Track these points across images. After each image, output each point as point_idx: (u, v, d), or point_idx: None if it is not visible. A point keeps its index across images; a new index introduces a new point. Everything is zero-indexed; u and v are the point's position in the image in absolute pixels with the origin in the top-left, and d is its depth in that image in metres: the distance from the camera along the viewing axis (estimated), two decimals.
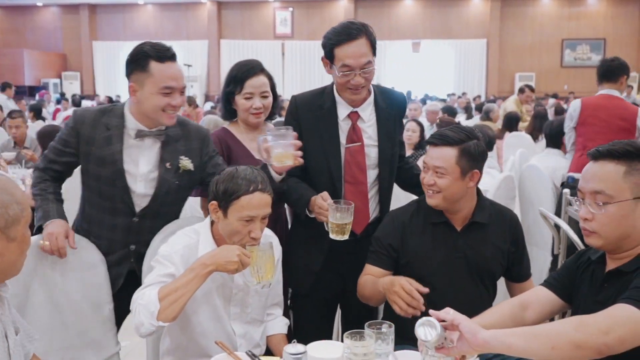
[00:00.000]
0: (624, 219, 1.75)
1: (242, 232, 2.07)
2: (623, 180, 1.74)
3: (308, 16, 22.57)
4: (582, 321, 1.60)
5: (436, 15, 22.01)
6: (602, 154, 1.81)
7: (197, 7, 23.08)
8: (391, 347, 1.92)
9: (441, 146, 2.30)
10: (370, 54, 2.45)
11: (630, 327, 1.57)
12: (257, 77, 2.75)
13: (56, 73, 23.28)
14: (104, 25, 23.67)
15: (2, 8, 23.94)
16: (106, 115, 2.42)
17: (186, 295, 1.94)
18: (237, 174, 2.08)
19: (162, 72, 2.30)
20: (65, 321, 2.36)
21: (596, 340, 1.54)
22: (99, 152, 2.38)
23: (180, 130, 2.47)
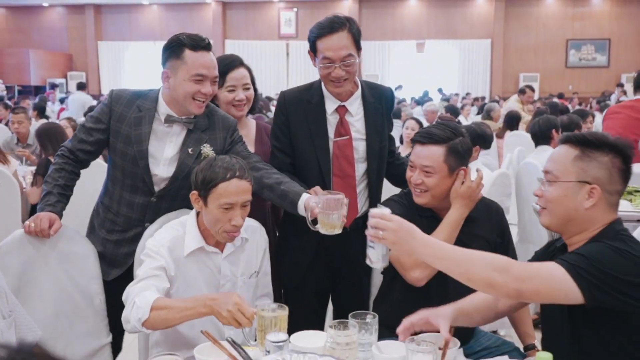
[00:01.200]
0: (566, 199, 1.83)
1: (223, 220, 2.09)
2: (571, 164, 1.83)
3: (312, 16, 22.56)
4: (506, 266, 1.71)
5: (440, 15, 21.99)
6: (565, 139, 1.91)
7: (201, 7, 23.14)
8: (374, 338, 1.95)
9: (428, 145, 2.31)
10: (352, 48, 2.48)
11: (549, 282, 1.68)
12: (237, 70, 2.79)
13: (62, 73, 23.36)
14: (109, 26, 23.76)
15: (8, 8, 24.06)
16: (141, 98, 2.50)
17: (175, 320, 1.95)
18: (215, 163, 2.11)
19: (195, 60, 2.36)
20: (57, 311, 2.40)
21: (509, 286, 1.67)
22: (127, 131, 2.45)
23: (207, 121, 2.52)
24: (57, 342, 2.38)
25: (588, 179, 1.81)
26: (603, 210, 1.83)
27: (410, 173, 2.36)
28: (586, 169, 1.81)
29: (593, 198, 1.80)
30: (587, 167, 1.81)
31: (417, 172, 2.32)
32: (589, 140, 1.84)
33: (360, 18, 22.39)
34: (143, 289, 2.00)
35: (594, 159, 1.82)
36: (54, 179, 2.49)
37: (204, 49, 2.39)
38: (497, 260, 1.74)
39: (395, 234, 1.73)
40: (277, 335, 1.75)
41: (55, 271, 2.40)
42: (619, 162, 1.82)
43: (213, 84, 2.42)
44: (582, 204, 1.81)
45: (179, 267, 2.14)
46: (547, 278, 1.68)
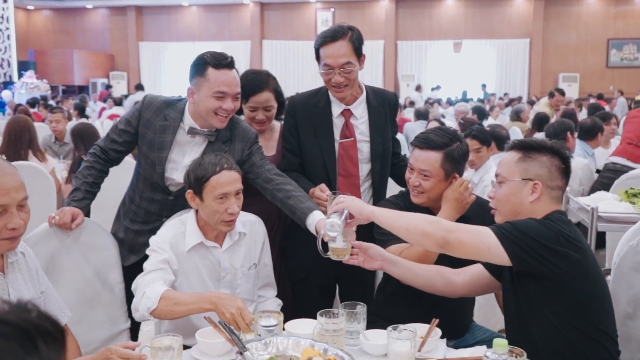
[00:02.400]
0: (512, 196, 2.06)
1: (220, 211, 2.25)
2: (515, 165, 2.07)
3: (349, 17, 22.66)
4: (438, 220, 2.05)
5: (478, 15, 21.85)
6: (510, 146, 2.16)
7: (240, 8, 23.48)
8: (362, 326, 2.09)
9: (426, 150, 2.43)
10: (352, 56, 2.64)
11: (474, 236, 1.93)
12: (260, 94, 2.90)
13: (104, 73, 24.00)
14: (150, 26, 24.30)
15: (54, 10, 24.82)
16: (169, 107, 2.64)
17: (181, 313, 2.13)
18: (203, 161, 2.29)
19: (216, 78, 2.49)
20: (79, 297, 2.59)
21: (438, 233, 1.92)
22: (152, 137, 2.61)
23: (229, 133, 2.64)
24: (79, 326, 2.57)
25: (530, 176, 2.03)
26: (546, 203, 2.03)
27: (409, 175, 2.50)
28: (528, 168, 2.04)
29: (536, 193, 2.02)
30: (529, 167, 2.04)
31: (415, 174, 2.45)
32: (530, 144, 2.09)
33: (396, 18, 22.42)
34: (152, 280, 2.17)
35: (535, 159, 2.05)
36: (84, 175, 2.69)
37: (226, 67, 2.50)
38: (431, 217, 2.08)
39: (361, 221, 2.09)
40: (268, 320, 1.91)
41: (78, 261, 2.60)
42: (557, 161, 2.05)
43: (235, 100, 2.53)
44: (527, 198, 2.03)
45: (181, 262, 2.32)
46: (472, 232, 1.95)
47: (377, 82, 22.54)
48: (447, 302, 2.34)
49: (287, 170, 2.80)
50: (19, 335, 0.83)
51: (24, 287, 1.92)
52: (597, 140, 5.27)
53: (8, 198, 1.75)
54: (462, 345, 2.40)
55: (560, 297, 1.91)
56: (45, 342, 0.85)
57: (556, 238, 1.88)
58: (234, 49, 22.95)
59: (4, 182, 1.75)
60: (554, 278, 1.89)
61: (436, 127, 2.65)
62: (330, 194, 2.51)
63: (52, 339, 0.86)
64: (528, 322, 1.98)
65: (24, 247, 2.03)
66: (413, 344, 1.88)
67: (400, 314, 2.38)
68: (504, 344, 1.66)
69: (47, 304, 2.04)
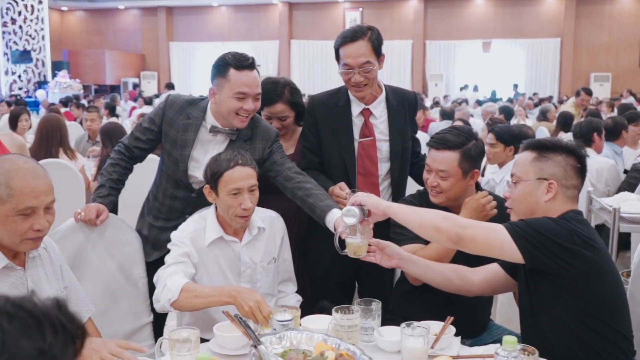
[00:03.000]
0: (528, 196, 2.06)
1: (234, 206, 2.30)
2: (530, 165, 2.07)
3: (378, 16, 22.65)
4: (453, 216, 2.05)
5: (508, 14, 21.66)
6: (524, 146, 2.16)
7: (268, 8, 23.62)
8: (377, 323, 2.12)
9: (443, 150, 2.43)
10: (372, 55, 2.66)
11: (485, 233, 1.94)
12: (274, 106, 2.95)
13: (135, 72, 24.36)
14: (180, 27, 24.60)
15: (87, 11, 25.27)
16: (192, 106, 2.69)
17: (201, 305, 2.19)
18: (219, 157, 2.35)
19: (238, 79, 2.52)
20: (103, 291, 2.66)
21: (452, 229, 1.94)
22: (175, 135, 2.66)
23: (250, 131, 2.67)
24: (103, 319, 2.63)
25: (545, 175, 2.03)
26: (561, 203, 2.03)
27: (426, 175, 2.50)
28: (543, 167, 2.04)
29: (551, 192, 2.02)
30: (544, 166, 2.04)
31: (433, 174, 2.45)
32: (544, 144, 2.09)
33: (425, 17, 22.33)
34: (173, 273, 2.23)
35: (550, 158, 2.05)
36: (109, 172, 2.76)
37: (247, 68, 2.53)
38: (446, 212, 2.09)
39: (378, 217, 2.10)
40: (283, 314, 1.95)
41: (103, 256, 2.67)
42: (572, 160, 2.05)
43: (255, 100, 2.56)
44: (542, 198, 2.03)
45: (202, 256, 2.37)
46: (485, 229, 1.96)
47: (405, 81, 22.47)
48: (464, 300, 2.35)
49: (307, 169, 2.84)
50: (28, 321, 0.85)
51: (45, 282, 1.98)
52: (623, 139, 5.19)
53: (38, 201, 1.80)
54: (479, 344, 2.41)
55: (574, 296, 1.91)
56: (54, 333, 0.86)
57: (569, 236, 1.88)
58: (263, 48, 23.13)
59: (36, 185, 1.80)
60: (567, 276, 1.89)
61: (451, 126, 2.66)
62: (349, 192, 2.54)
63: (64, 332, 0.88)
64: (541, 320, 1.99)
65: (49, 242, 2.09)
66: (426, 340, 1.90)
67: (416, 312, 2.40)
68: (513, 341, 1.67)
69: (70, 299, 2.10)
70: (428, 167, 2.49)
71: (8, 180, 1.76)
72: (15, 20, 19.89)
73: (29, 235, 1.82)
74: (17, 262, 1.90)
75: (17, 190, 1.76)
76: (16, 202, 1.76)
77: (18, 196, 1.76)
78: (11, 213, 1.77)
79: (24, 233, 1.81)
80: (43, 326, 0.86)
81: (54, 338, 0.86)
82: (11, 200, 1.76)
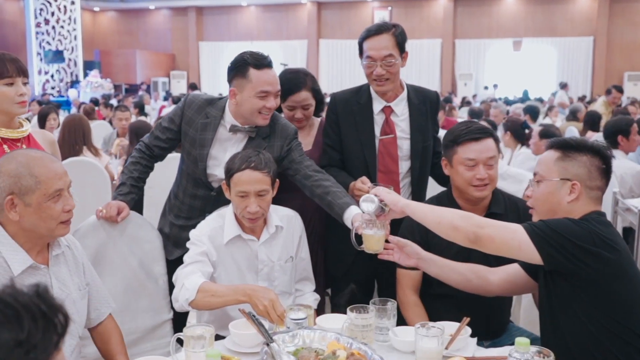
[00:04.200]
0: (550, 196, 2.02)
1: (241, 207, 2.32)
2: (554, 164, 2.02)
3: (407, 15, 22.55)
4: (470, 215, 2.01)
5: (539, 12, 21.37)
6: (549, 144, 2.11)
7: (297, 7, 23.68)
8: (392, 322, 2.11)
9: (485, 139, 2.41)
10: (394, 49, 2.69)
11: (503, 233, 1.91)
12: (299, 94, 2.94)
13: (165, 72, 24.62)
14: (210, 26, 24.80)
15: (118, 11, 25.63)
16: (211, 105, 2.71)
17: (218, 304, 2.21)
18: (238, 155, 2.36)
19: (259, 78, 2.54)
20: (124, 288, 2.69)
21: (469, 228, 1.92)
22: (194, 134, 2.68)
23: (268, 129, 2.68)
24: (124, 315, 2.67)
25: (569, 176, 1.99)
26: (584, 204, 1.99)
27: (470, 172, 2.39)
28: (567, 167, 2.00)
29: (574, 193, 1.98)
30: (568, 166, 2.00)
31: (480, 167, 2.39)
32: (569, 143, 2.04)
33: (455, 16, 22.16)
34: (190, 272, 2.25)
35: (574, 158, 2.00)
36: (130, 171, 2.79)
37: (266, 67, 2.56)
38: (463, 212, 2.08)
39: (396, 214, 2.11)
40: (297, 313, 1.95)
41: (124, 252, 2.70)
42: (597, 161, 2.00)
43: (276, 98, 2.60)
44: (565, 198, 1.99)
45: (220, 254, 2.39)
46: (503, 228, 1.92)
47: (434, 81, 22.33)
48: (483, 301, 2.32)
49: (328, 165, 2.85)
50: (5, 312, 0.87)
51: (69, 278, 2.01)
52: None
53: (62, 182, 1.88)
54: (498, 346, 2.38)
55: (592, 297, 1.87)
56: (33, 321, 0.88)
57: (589, 237, 1.85)
58: (291, 48, 23.20)
59: (56, 168, 1.88)
60: (586, 277, 1.86)
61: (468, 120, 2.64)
62: (371, 185, 2.53)
63: (44, 319, 0.89)
64: (560, 321, 1.96)
65: (72, 240, 2.13)
66: (440, 341, 1.88)
67: (434, 312, 2.39)
68: (525, 343, 1.65)
69: (92, 296, 2.14)
70: (472, 161, 2.39)
71: (30, 170, 1.83)
72: (49, 20, 20.25)
73: (62, 218, 1.88)
74: (41, 260, 1.94)
75: (43, 176, 1.83)
76: (45, 187, 1.83)
77: (45, 181, 1.83)
78: (43, 199, 1.84)
79: (59, 216, 1.87)
80: (21, 316, 0.87)
81: (33, 326, 0.87)
82: (40, 187, 1.83)
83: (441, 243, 2.44)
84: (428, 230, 2.45)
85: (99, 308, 2.17)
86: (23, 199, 1.83)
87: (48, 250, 1.97)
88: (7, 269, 1.84)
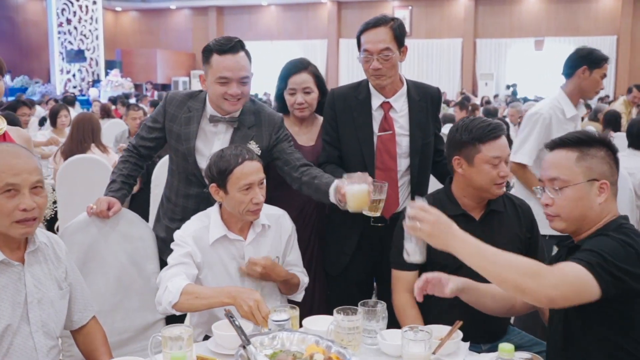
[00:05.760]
0: (580, 201, 1.85)
1: (245, 201, 2.25)
2: (576, 165, 1.85)
3: (427, 14, 22.41)
4: (539, 272, 1.66)
5: (561, 11, 21.08)
6: (557, 143, 1.92)
7: (317, 7, 23.64)
8: (382, 325, 2.03)
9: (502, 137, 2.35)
10: (392, 43, 2.62)
11: (577, 287, 1.65)
12: (299, 75, 2.90)
13: (186, 71, 24.73)
14: (230, 26, 24.84)
15: (140, 11, 25.82)
16: (192, 99, 2.68)
17: (202, 307, 2.15)
18: (224, 154, 2.28)
19: (219, 64, 2.50)
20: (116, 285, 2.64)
21: (540, 292, 1.63)
22: (178, 130, 2.66)
23: (254, 118, 2.66)
24: (116, 313, 2.64)
25: (595, 176, 1.84)
26: (611, 202, 1.87)
27: (494, 171, 2.31)
28: (591, 167, 1.85)
29: (604, 193, 1.84)
30: (591, 165, 1.85)
31: (503, 164, 2.33)
32: (583, 140, 1.87)
33: (476, 15, 21.96)
34: (174, 275, 2.19)
35: (594, 155, 1.86)
36: (120, 169, 2.76)
37: (229, 52, 2.49)
38: (529, 265, 1.69)
39: (432, 226, 1.74)
40: (279, 314, 1.88)
41: (116, 250, 2.65)
42: (611, 154, 1.88)
43: (242, 85, 2.52)
44: (595, 200, 1.85)
45: (205, 255, 2.32)
46: (574, 283, 1.66)
47: (455, 80, 22.16)
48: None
49: (326, 162, 2.79)
50: None
51: (47, 278, 1.96)
52: None
53: (19, 178, 1.79)
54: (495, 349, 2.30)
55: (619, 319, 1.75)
56: None
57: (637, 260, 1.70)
58: (311, 47, 23.16)
59: (15, 163, 1.81)
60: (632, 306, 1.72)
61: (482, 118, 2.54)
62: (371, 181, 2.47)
63: None
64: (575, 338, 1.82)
65: (55, 238, 2.08)
66: (428, 345, 1.81)
67: (430, 315, 2.31)
68: (509, 349, 1.57)
69: (75, 298, 2.09)
70: (497, 158, 2.31)
71: None
72: (71, 20, 20.45)
73: (16, 217, 1.80)
74: (15, 257, 1.88)
75: None
76: None
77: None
78: None
79: (11, 214, 1.79)
80: None
81: None
82: None
83: None
84: None
85: (82, 311, 2.12)
86: None
87: (25, 248, 1.92)
88: None
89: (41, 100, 14.35)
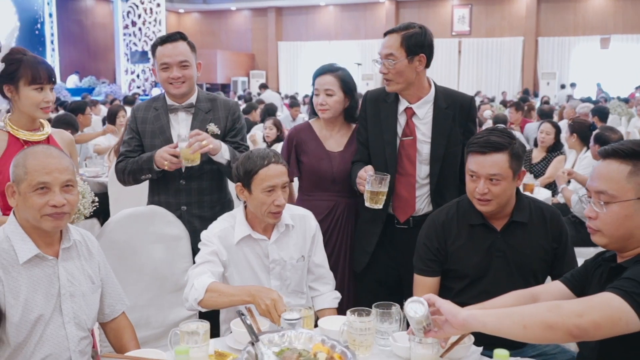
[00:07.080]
0: (627, 219, 1.71)
1: (267, 202, 2.33)
2: (627, 181, 1.70)
3: (487, 13, 22.04)
4: (557, 304, 1.61)
5: (629, 8, 20.33)
6: (609, 152, 1.77)
7: (375, 6, 23.59)
8: (395, 327, 2.06)
9: (491, 153, 2.26)
10: (398, 49, 2.67)
11: (607, 312, 1.54)
12: (323, 77, 3.00)
13: (245, 72, 25.13)
14: (289, 26, 25.12)
15: (201, 13, 26.38)
16: (155, 101, 3.01)
17: (225, 304, 2.24)
18: (252, 155, 2.38)
19: (159, 53, 2.87)
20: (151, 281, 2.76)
21: (568, 321, 1.54)
22: (151, 128, 2.95)
23: (210, 104, 2.96)
24: (149, 308, 2.76)
25: None
26: None
27: (472, 184, 2.30)
28: None
29: None
30: None
31: (482, 181, 2.26)
32: (638, 152, 1.72)
33: (538, 13, 21.45)
34: (200, 273, 2.28)
35: None
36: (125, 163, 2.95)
37: (167, 42, 2.84)
38: (547, 303, 1.67)
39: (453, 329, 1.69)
40: (291, 313, 1.94)
41: (151, 247, 2.77)
42: None
43: (182, 68, 2.84)
44: None
45: (231, 254, 2.40)
46: (604, 309, 1.56)
47: (515, 79, 21.72)
48: None
49: (359, 161, 2.88)
50: None
51: (80, 273, 2.08)
52: None
53: (50, 177, 1.94)
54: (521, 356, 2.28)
55: None
56: None
57: None
58: (369, 47, 23.13)
59: (48, 163, 1.95)
60: None
61: (490, 128, 2.49)
62: (372, 174, 2.57)
63: None
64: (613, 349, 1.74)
65: (88, 236, 2.20)
66: (436, 349, 1.83)
67: None
68: (504, 355, 1.57)
69: (107, 292, 2.21)
70: (474, 174, 2.29)
71: (25, 161, 1.95)
72: (135, 22, 21.06)
73: (46, 211, 1.93)
74: (50, 252, 2.01)
75: (30, 168, 1.93)
76: (30, 178, 1.92)
77: (31, 173, 1.93)
78: (28, 190, 1.92)
79: (41, 208, 1.93)
80: None
81: None
82: (27, 178, 1.93)
83: (459, 253, 2.38)
84: (447, 238, 2.40)
85: (114, 305, 2.23)
86: (18, 187, 1.95)
87: (59, 242, 2.05)
88: (14, 257, 1.93)
89: (105, 100, 14.87)
